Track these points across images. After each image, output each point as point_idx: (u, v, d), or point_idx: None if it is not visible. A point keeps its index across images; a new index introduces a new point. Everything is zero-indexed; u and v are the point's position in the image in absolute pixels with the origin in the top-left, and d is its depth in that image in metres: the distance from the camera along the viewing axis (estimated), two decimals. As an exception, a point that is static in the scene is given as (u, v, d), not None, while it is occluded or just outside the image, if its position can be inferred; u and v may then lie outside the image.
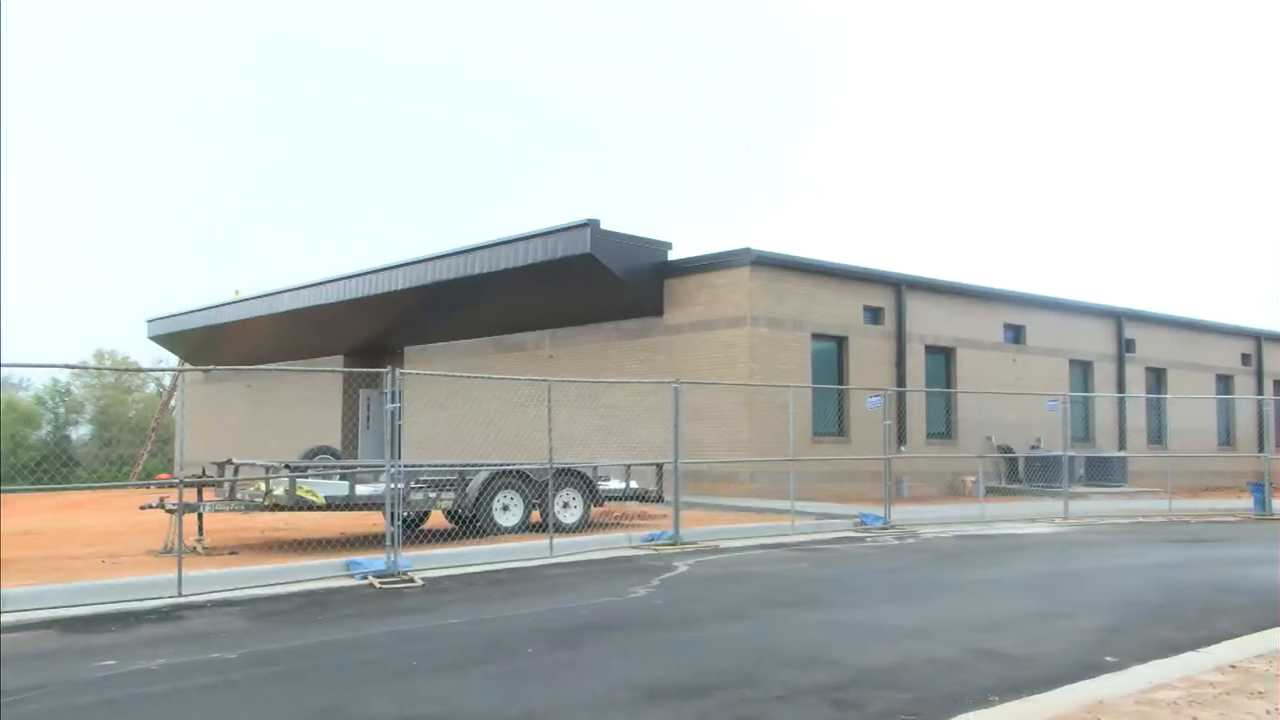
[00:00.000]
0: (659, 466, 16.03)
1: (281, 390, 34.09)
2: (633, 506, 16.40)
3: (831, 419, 22.13)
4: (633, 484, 16.12)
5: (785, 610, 8.58)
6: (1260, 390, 31.64)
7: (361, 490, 12.91)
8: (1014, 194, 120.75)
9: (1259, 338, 32.76)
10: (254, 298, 32.16)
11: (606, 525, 15.09)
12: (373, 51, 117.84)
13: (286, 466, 12.99)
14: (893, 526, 15.92)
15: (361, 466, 13.90)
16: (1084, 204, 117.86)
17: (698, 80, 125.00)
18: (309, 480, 12.83)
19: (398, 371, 10.98)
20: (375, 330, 29.74)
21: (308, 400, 32.70)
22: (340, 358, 31.65)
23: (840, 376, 22.41)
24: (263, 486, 12.45)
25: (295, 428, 32.35)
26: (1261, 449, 21.35)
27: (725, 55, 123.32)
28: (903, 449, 22.46)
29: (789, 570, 11.21)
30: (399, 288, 26.51)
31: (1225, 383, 31.61)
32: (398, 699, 5.69)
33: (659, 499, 15.80)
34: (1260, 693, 5.51)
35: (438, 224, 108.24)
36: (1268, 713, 5.11)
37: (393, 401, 10.75)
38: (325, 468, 14.38)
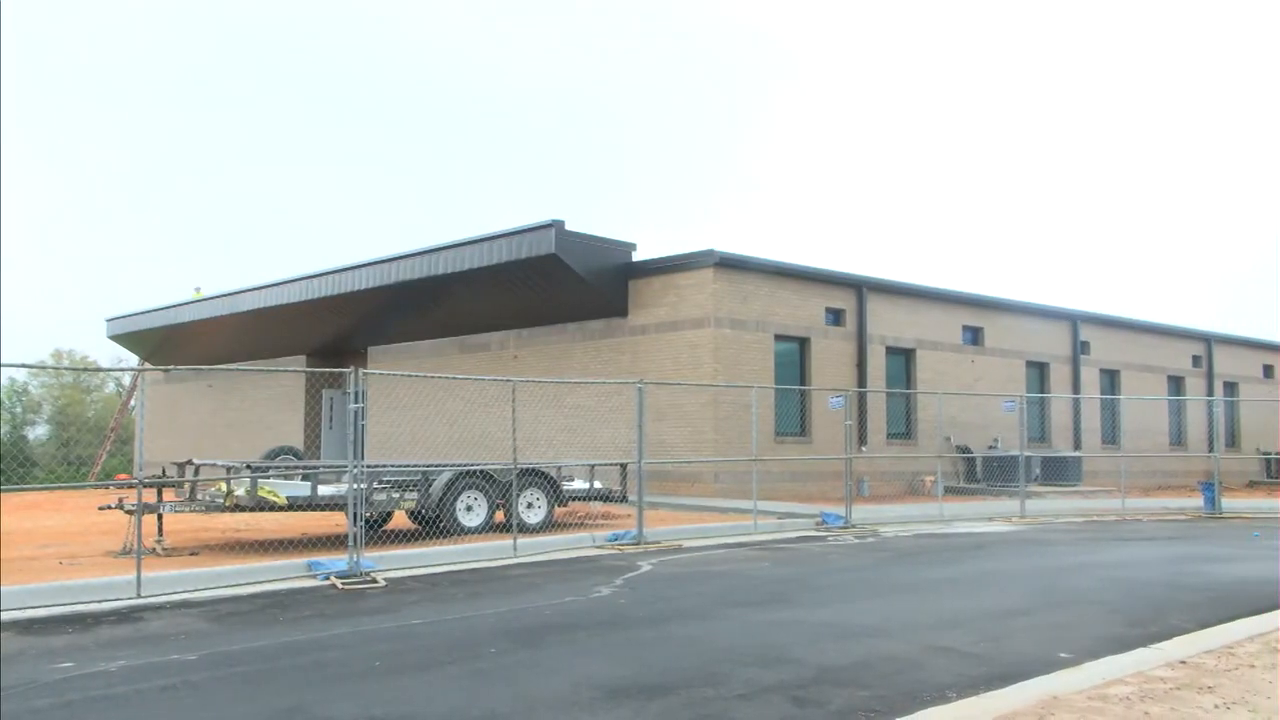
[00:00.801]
0: (623, 466, 16.08)
1: (244, 390, 33.86)
2: (597, 506, 16.43)
3: (794, 419, 22.32)
4: (597, 484, 16.16)
5: (748, 609, 8.64)
6: (1210, 391, 32.36)
7: (324, 490, 12.82)
8: (973, 198, 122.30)
9: (1209, 340, 33.49)
10: (215, 297, 31.84)
11: (570, 525, 15.11)
12: (337, 50, 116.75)
13: (248, 467, 12.86)
14: (853, 526, 16.09)
15: (324, 467, 13.78)
16: (1042, 208, 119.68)
17: (661, 82, 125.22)
18: (271, 481, 12.73)
19: (361, 371, 10.92)
20: (338, 330, 29.54)
21: (270, 400, 32.49)
22: (303, 357, 31.51)
23: (802, 377, 22.60)
24: (224, 487, 12.33)
25: (257, 428, 32.20)
26: (1211, 449, 21.79)
27: (688, 57, 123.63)
28: (863, 449, 22.68)
29: (751, 569, 11.29)
30: (362, 287, 26.35)
31: (1177, 384, 32.30)
32: (360, 700, 5.67)
33: (623, 499, 15.86)
34: (1209, 688, 5.61)
35: (402, 225, 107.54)
36: (1215, 707, 5.21)
37: (356, 401, 10.70)
38: (287, 468, 14.24)
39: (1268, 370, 35.84)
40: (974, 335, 26.70)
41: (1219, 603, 8.81)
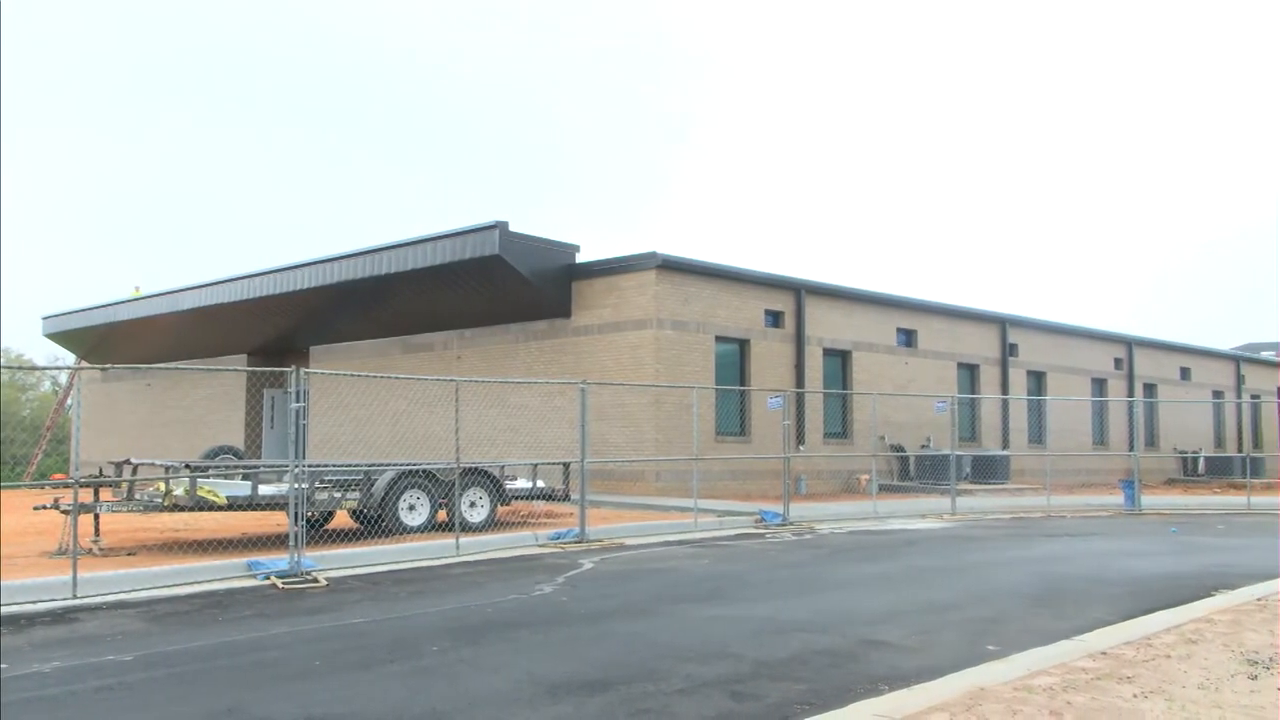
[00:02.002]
0: (566, 466, 16.13)
1: (183, 389, 33.44)
2: (539, 505, 16.45)
3: (734, 419, 22.57)
4: (540, 483, 16.19)
5: (688, 605, 8.75)
6: (1131, 392, 33.38)
7: (264, 490, 12.68)
8: (908, 204, 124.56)
9: (1130, 343, 34.59)
10: (155, 295, 31.36)
11: (513, 524, 15.11)
12: (282, 50, 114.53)
13: (187, 466, 12.67)
14: (791, 523, 16.33)
15: (265, 466, 13.63)
16: (974, 215, 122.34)
17: (604, 87, 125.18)
18: (210, 480, 12.56)
19: (302, 371, 10.83)
20: (280, 329, 29.19)
21: (210, 400, 32.13)
22: (244, 356, 31.18)
23: (742, 378, 22.86)
24: (162, 487, 12.14)
25: (197, 427, 31.87)
26: (1132, 448, 22.54)
27: (630, 62, 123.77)
28: (801, 448, 23.03)
29: (691, 566, 11.40)
30: (304, 287, 26.07)
31: (1099, 385, 33.30)
32: (299, 699, 5.65)
33: (566, 498, 15.92)
34: (1129, 677, 5.79)
35: (346, 225, 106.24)
36: (1134, 696, 5.38)
37: (297, 401, 10.60)
38: (227, 468, 14.05)
39: (1185, 372, 37.12)
40: (908, 338, 27.24)
41: (1138, 596, 9.12)
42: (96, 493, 12.35)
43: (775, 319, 23.85)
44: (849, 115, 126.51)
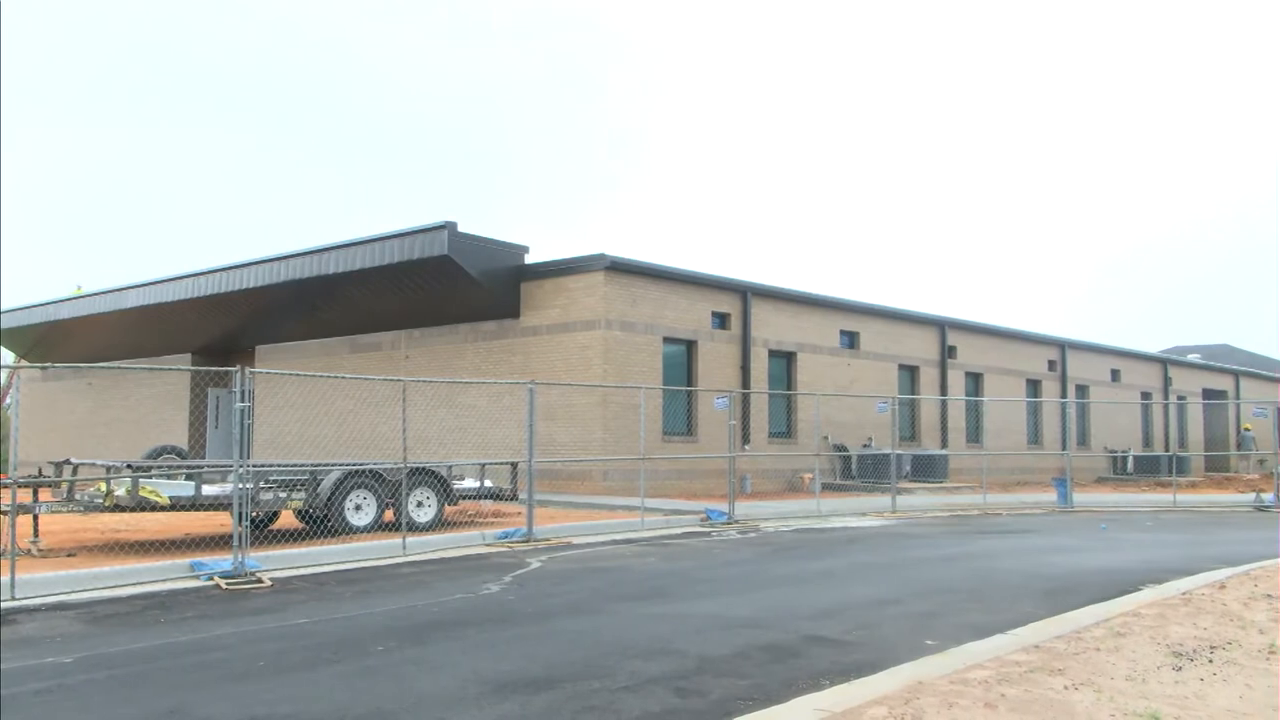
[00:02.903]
0: (514, 465, 16.13)
1: (126, 389, 32.93)
2: (487, 505, 16.43)
3: (681, 419, 22.74)
4: (487, 483, 16.17)
5: (634, 603, 8.83)
6: (1064, 393, 34.22)
7: (208, 490, 12.52)
8: (851, 209, 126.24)
9: (1063, 346, 35.48)
10: (97, 294, 30.81)
11: (461, 524, 15.07)
12: (228, 49, 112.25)
13: (129, 466, 12.46)
14: (736, 521, 16.51)
15: (209, 466, 13.44)
16: (914, 221, 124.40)
17: (555, 93, 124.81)
18: (153, 480, 12.37)
19: (248, 370, 10.73)
20: (226, 328, 28.80)
21: (153, 399, 31.69)
22: (189, 356, 30.78)
23: (689, 378, 23.03)
24: (103, 487, 11.93)
25: (140, 427, 31.43)
26: (1064, 447, 23.19)
27: (580, 69, 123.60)
28: (747, 448, 23.27)
29: (638, 565, 11.49)
30: (250, 286, 25.76)
31: (1034, 386, 34.12)
32: (242, 700, 5.62)
33: (513, 497, 15.91)
34: (1060, 670, 5.95)
35: (295, 226, 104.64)
36: (1065, 688, 5.53)
37: (242, 400, 10.50)
38: (170, 467, 13.83)
39: (1115, 374, 38.16)
40: (850, 340, 27.65)
41: (1070, 591, 9.39)
42: (35, 493, 12.09)
43: (722, 320, 24.06)
44: (793, 120, 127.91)
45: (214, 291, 26.71)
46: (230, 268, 26.30)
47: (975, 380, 31.89)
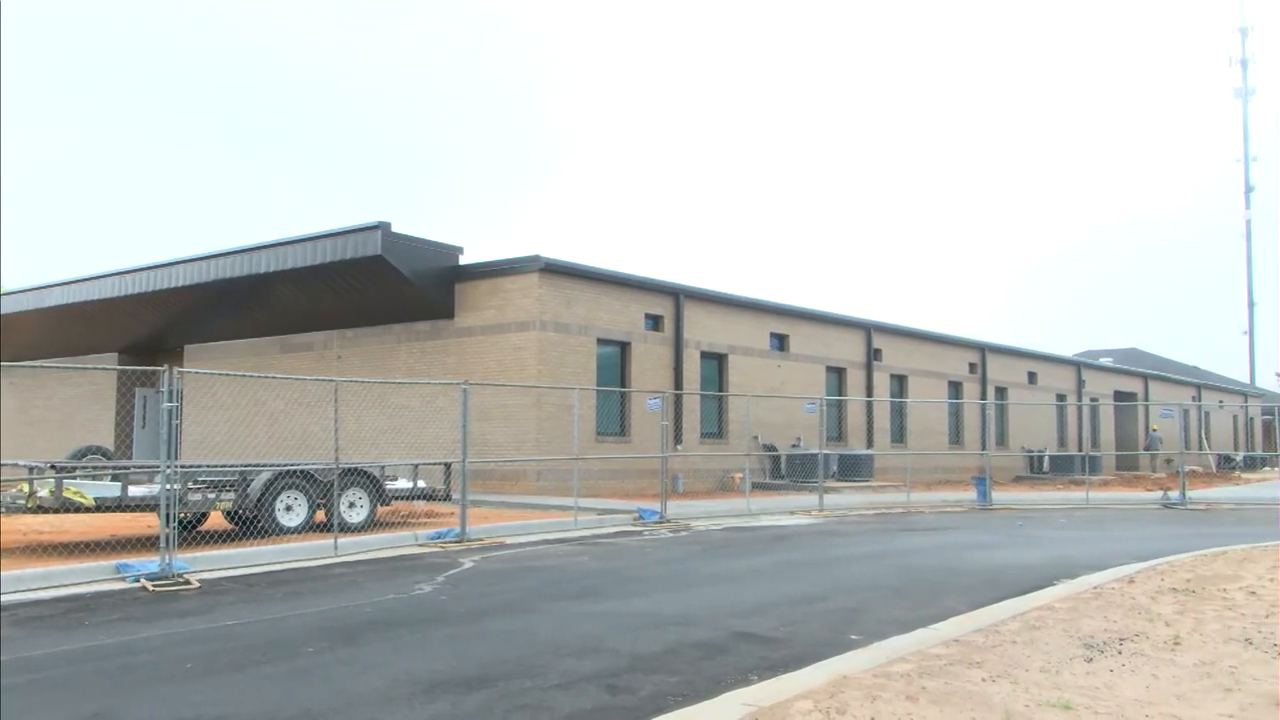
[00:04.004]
0: (447, 465, 16.09)
1: (50, 388, 32.16)
2: (420, 505, 16.33)
3: (614, 419, 22.89)
4: (421, 483, 16.10)
5: (566, 602, 8.90)
6: (984, 395, 35.23)
7: (135, 491, 12.28)
8: (778, 213, 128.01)
9: (983, 349, 36.53)
10: (19, 292, 29.96)
11: (393, 524, 14.97)
12: (164, 45, 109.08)
13: (52, 467, 12.15)
14: (669, 521, 16.70)
15: (135, 467, 13.16)
16: (842, 226, 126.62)
17: (490, 96, 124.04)
18: (77, 481, 12.07)
19: (176, 370, 10.56)
20: (153, 327, 28.18)
21: (78, 399, 30.92)
22: (115, 355, 30.05)
23: (623, 379, 23.18)
24: (25, 488, 11.60)
25: (64, 427, 30.77)
26: (984, 447, 23.93)
27: (513, 72, 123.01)
28: (679, 448, 23.51)
29: (571, 564, 11.56)
30: (178, 285, 25.25)
31: (956, 388, 35.06)
32: (170, 702, 5.56)
33: (447, 497, 15.86)
34: (978, 663, 6.14)
35: (225, 225, 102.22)
36: (983, 680, 5.71)
37: (170, 400, 10.34)
38: (95, 468, 13.51)
39: (1032, 376, 39.40)
40: (780, 342, 28.09)
41: (988, 586, 9.68)
42: (-48, 494, 11.73)
43: (655, 322, 24.26)
44: (722, 124, 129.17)
45: (140, 290, 26.13)
46: (157, 266, 25.76)
47: (900, 382, 32.62)
